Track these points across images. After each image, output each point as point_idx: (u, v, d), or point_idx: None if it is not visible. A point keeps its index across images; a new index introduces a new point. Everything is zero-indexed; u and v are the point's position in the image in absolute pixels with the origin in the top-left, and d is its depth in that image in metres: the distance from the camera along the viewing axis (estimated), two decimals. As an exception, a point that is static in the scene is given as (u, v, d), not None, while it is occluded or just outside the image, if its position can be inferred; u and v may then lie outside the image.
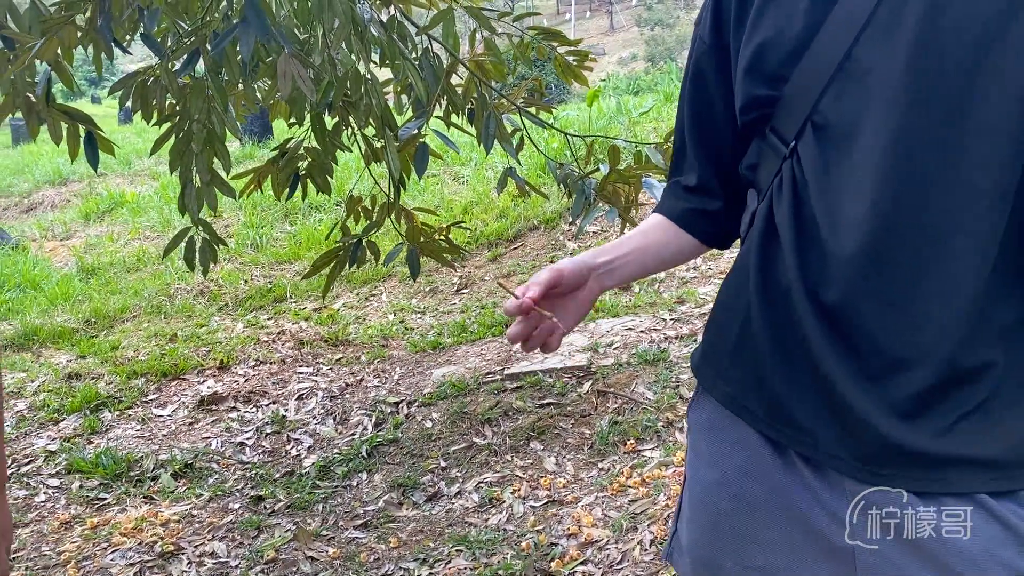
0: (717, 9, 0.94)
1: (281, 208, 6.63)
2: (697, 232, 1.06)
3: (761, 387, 0.90)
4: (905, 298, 0.80)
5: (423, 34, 2.65)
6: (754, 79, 0.88)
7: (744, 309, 0.91)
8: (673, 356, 3.25)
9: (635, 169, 2.66)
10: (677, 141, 1.06)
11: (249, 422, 3.36)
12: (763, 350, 0.89)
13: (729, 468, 0.95)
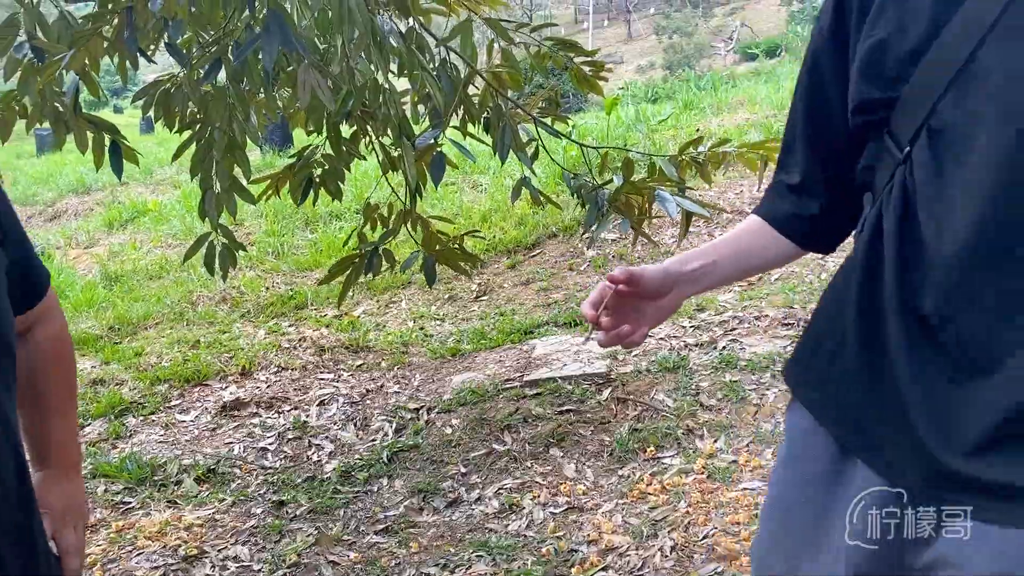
0: (840, 0, 0.90)
1: (302, 216, 6.68)
2: (796, 236, 1.04)
3: (844, 399, 0.90)
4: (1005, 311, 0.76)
5: (442, 45, 2.67)
6: (869, 80, 0.85)
7: (840, 319, 0.91)
8: (693, 364, 3.24)
9: (648, 181, 2.67)
10: (787, 136, 1.03)
11: (271, 427, 3.39)
12: (851, 363, 0.89)
13: (804, 472, 0.96)
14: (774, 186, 1.06)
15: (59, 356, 1.21)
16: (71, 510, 1.18)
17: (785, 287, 3.81)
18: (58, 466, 1.18)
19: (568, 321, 4.01)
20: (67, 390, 1.23)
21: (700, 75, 21.06)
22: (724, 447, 2.73)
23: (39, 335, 1.18)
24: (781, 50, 33.53)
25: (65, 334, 1.23)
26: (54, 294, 1.21)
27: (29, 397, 1.16)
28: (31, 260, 1.14)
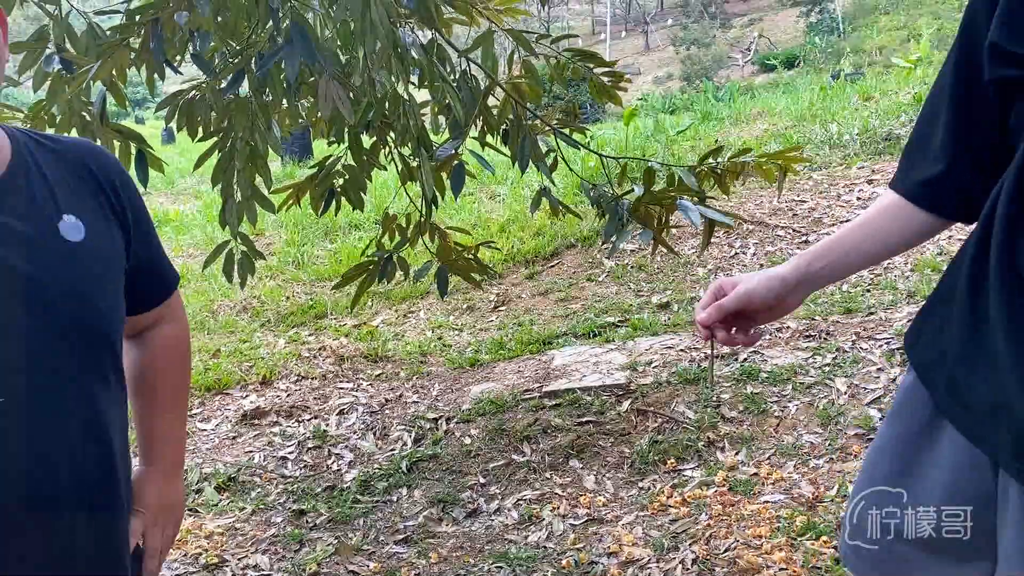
0: None
1: (322, 226, 6.72)
2: (936, 207, 1.03)
3: (945, 361, 0.93)
4: None
5: (463, 57, 2.69)
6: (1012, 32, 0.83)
7: (953, 286, 0.93)
8: (714, 375, 3.22)
9: (669, 191, 2.67)
10: (927, 108, 1.04)
11: (291, 436, 3.40)
12: (956, 326, 0.92)
13: (902, 427, 1.01)
14: (911, 159, 1.07)
15: (175, 356, 1.24)
16: (164, 510, 1.19)
17: (807, 299, 3.78)
18: (160, 464, 1.21)
19: (587, 332, 4.00)
20: (179, 390, 1.26)
21: (718, 86, 21.05)
22: (745, 459, 2.71)
23: (160, 334, 1.21)
24: (799, 61, 33.44)
25: (185, 336, 1.27)
26: (179, 296, 1.25)
27: (142, 393, 1.20)
28: (160, 260, 1.18)
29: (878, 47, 30.65)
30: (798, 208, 4.88)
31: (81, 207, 0.99)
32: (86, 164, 1.03)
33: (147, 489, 1.16)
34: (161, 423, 1.22)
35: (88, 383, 0.98)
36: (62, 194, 0.98)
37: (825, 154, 5.82)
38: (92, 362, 0.99)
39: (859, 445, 2.62)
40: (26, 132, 1.01)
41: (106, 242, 1.02)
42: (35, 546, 0.93)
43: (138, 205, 1.08)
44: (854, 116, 6.78)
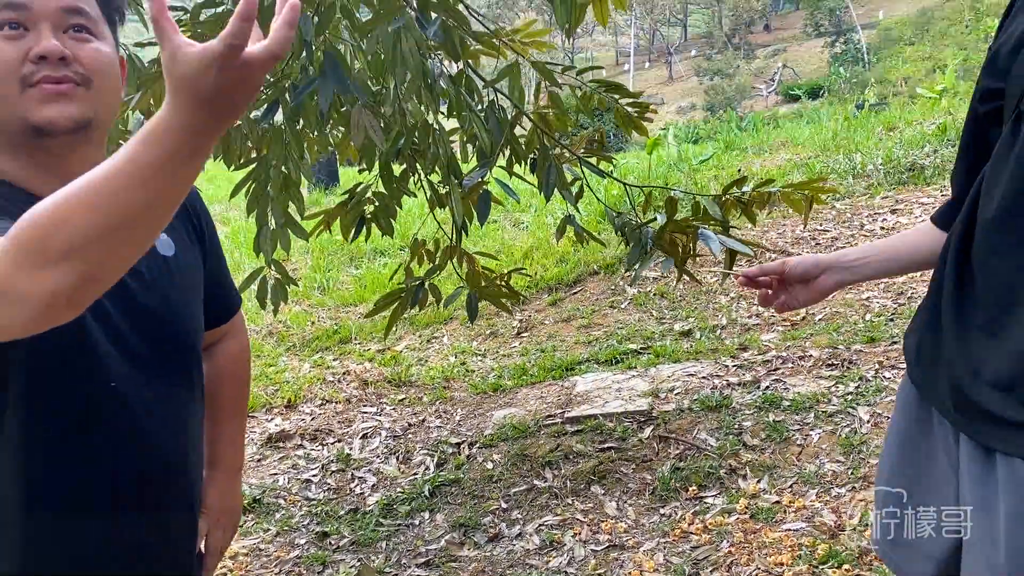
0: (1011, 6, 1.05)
1: (347, 252, 6.81)
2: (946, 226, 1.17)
3: (919, 348, 1.10)
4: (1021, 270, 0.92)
5: (490, 87, 2.75)
6: (990, 72, 1.01)
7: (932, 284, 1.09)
8: (736, 403, 3.23)
9: (692, 220, 2.70)
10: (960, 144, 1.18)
11: (315, 459, 3.44)
12: (924, 317, 1.09)
13: (901, 415, 1.15)
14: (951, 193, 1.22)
15: (238, 369, 1.34)
16: (226, 512, 1.29)
17: (829, 327, 3.78)
18: (222, 468, 1.30)
19: (609, 358, 4.02)
20: (240, 400, 1.37)
21: (742, 116, 21.12)
22: (767, 487, 2.71)
23: (224, 349, 1.31)
24: (824, 91, 33.45)
25: (247, 351, 1.37)
26: (242, 316, 1.35)
27: (207, 402, 1.27)
28: (228, 281, 1.29)
29: (903, 77, 30.60)
30: (821, 237, 4.89)
31: (170, 226, 1.05)
32: None
33: (210, 492, 1.24)
34: (224, 430, 1.30)
35: (176, 385, 1.08)
36: None
37: (849, 184, 5.83)
38: (180, 366, 1.09)
39: (882, 474, 2.61)
40: None
41: (191, 259, 1.12)
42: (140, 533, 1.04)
43: (212, 230, 1.18)
44: (878, 146, 6.78)
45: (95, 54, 0.96)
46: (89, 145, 1.00)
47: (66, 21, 0.94)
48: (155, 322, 1.04)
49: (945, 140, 6.44)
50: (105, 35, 0.99)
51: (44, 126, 0.93)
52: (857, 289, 4.16)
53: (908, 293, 3.97)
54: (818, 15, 45.62)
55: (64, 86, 0.93)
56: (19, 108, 0.92)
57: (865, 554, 2.25)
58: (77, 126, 0.95)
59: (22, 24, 0.92)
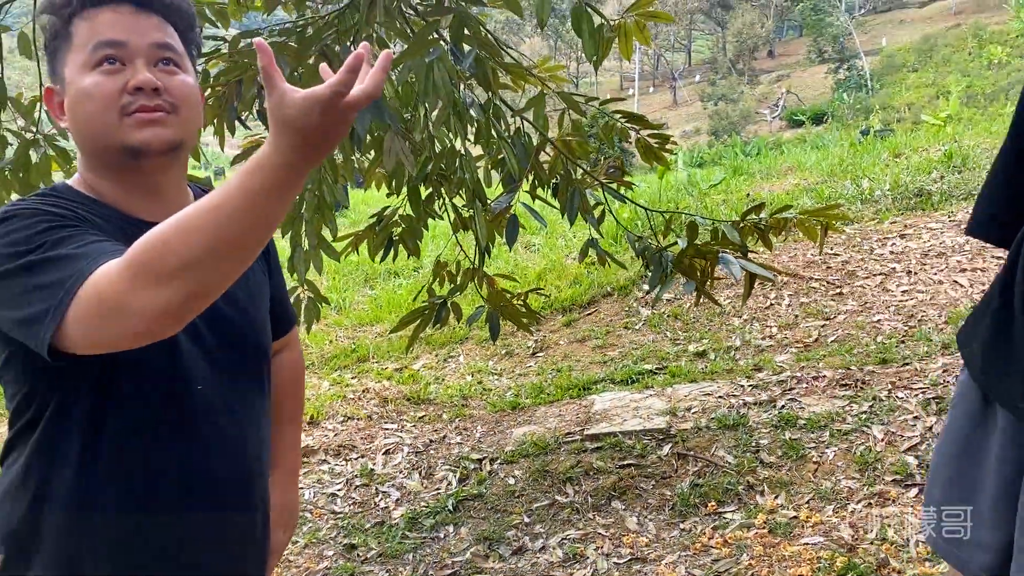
0: None
1: (361, 274, 6.93)
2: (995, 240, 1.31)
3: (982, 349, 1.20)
4: None
5: (518, 116, 2.86)
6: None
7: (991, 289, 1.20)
8: (752, 421, 3.31)
9: (712, 244, 2.80)
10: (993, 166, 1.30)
11: (339, 474, 3.52)
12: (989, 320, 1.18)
13: (960, 414, 1.25)
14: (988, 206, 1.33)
15: (295, 378, 1.46)
16: (286, 511, 1.39)
17: (842, 348, 3.87)
18: (282, 470, 1.40)
19: (625, 378, 4.11)
20: (297, 407, 1.48)
21: (746, 141, 21.29)
22: (785, 503, 2.78)
23: (284, 359, 1.43)
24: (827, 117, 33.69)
25: (302, 362, 1.49)
26: (296, 331, 1.47)
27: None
28: (287, 298, 1.41)
29: (907, 104, 30.83)
30: (832, 261, 4.99)
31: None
32: None
33: (273, 490, 1.32)
34: (284, 434, 1.40)
35: (253, 389, 1.19)
36: None
37: (857, 209, 5.93)
38: (256, 372, 1.20)
39: (897, 490, 2.69)
40: (200, 186, 1.22)
41: (260, 275, 1.24)
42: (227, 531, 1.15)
43: (275, 250, 1.28)
44: (884, 172, 6.90)
45: (182, 85, 1.08)
46: (177, 165, 1.12)
47: (157, 56, 1.06)
48: (235, 331, 1.15)
49: (951, 166, 6.55)
50: (188, 68, 1.11)
51: (140, 148, 1.04)
52: (867, 312, 4.25)
53: (918, 316, 4.06)
54: (821, 42, 46.00)
55: (157, 114, 1.05)
56: (118, 134, 1.04)
57: (883, 566, 2.33)
58: (169, 147, 1.06)
59: (120, 60, 1.04)
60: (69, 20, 1.05)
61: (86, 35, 1.04)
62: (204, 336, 1.11)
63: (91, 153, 1.08)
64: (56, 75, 1.08)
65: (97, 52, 1.03)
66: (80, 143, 1.08)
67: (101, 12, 1.04)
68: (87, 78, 1.03)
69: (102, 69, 1.03)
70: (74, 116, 1.06)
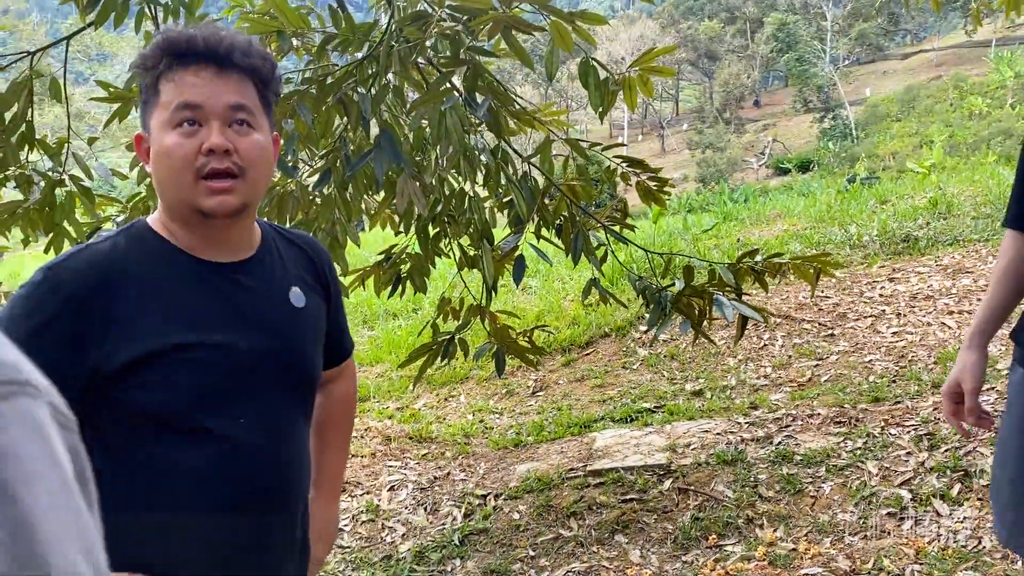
0: None
1: (360, 314, 7.01)
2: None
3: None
4: None
5: (526, 161, 3.00)
6: None
7: None
8: (750, 457, 3.40)
9: (708, 285, 2.92)
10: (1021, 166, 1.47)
11: (345, 510, 3.57)
12: None
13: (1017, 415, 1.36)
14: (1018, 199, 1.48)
15: (347, 407, 1.55)
16: (325, 530, 1.48)
17: (835, 388, 3.98)
18: (324, 492, 1.49)
19: (624, 416, 4.19)
20: (346, 434, 1.57)
21: (733, 188, 21.67)
22: (784, 535, 2.86)
23: (338, 388, 1.52)
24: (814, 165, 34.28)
25: (354, 392, 1.58)
26: (352, 360, 1.55)
27: (318, 433, 1.48)
28: (345, 330, 1.49)
29: (891, 152, 31.45)
30: (823, 304, 5.12)
31: (303, 282, 1.30)
32: (306, 252, 1.36)
33: (313, 510, 1.41)
34: (331, 458, 1.50)
35: (297, 415, 1.28)
36: (292, 271, 1.29)
37: (846, 253, 6.09)
38: (300, 400, 1.29)
39: (892, 523, 2.78)
40: (270, 224, 1.34)
41: (317, 311, 1.33)
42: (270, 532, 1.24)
43: (338, 289, 1.40)
44: (872, 218, 7.09)
45: (252, 145, 1.18)
46: (246, 219, 1.23)
47: (231, 116, 1.17)
48: (280, 360, 1.24)
49: (936, 213, 6.75)
50: (262, 125, 1.21)
51: (209, 212, 1.16)
52: (859, 352, 4.37)
53: (909, 356, 4.18)
54: (806, 92, 47.04)
55: (227, 181, 1.15)
56: (191, 195, 1.15)
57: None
58: (235, 212, 1.18)
59: (197, 120, 1.15)
60: (157, 78, 1.16)
61: (170, 95, 1.15)
62: (258, 362, 1.20)
63: (168, 202, 1.19)
64: (145, 125, 1.20)
65: (177, 113, 1.14)
66: (160, 192, 1.19)
67: (185, 74, 1.15)
68: (168, 137, 1.14)
69: (181, 130, 1.14)
70: (156, 169, 1.17)
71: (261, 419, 1.20)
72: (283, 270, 1.28)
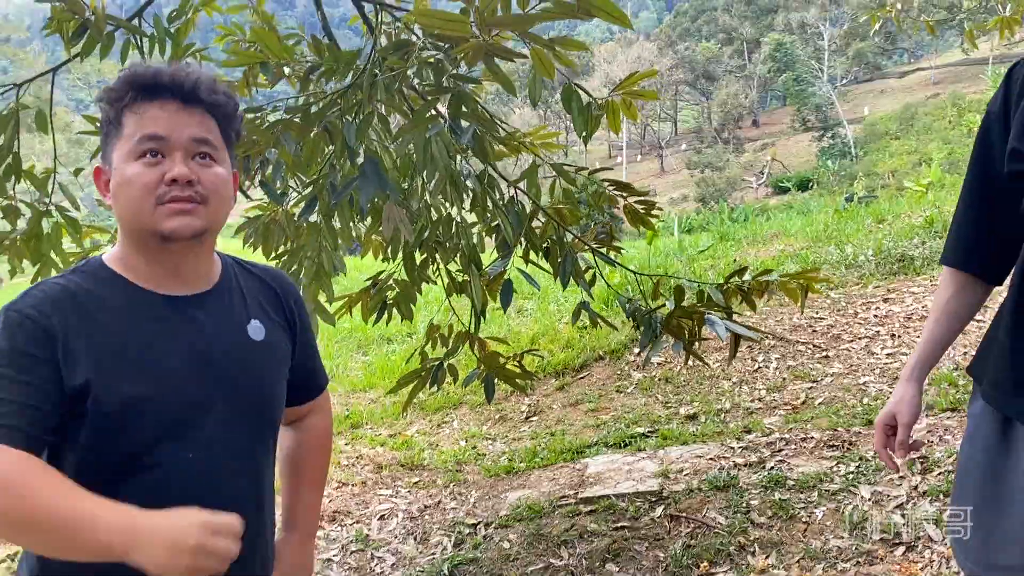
0: (1008, 80, 1.32)
1: (355, 340, 6.99)
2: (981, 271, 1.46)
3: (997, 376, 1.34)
4: None
5: (512, 186, 3.00)
6: (1020, 136, 1.27)
7: (997, 320, 1.34)
8: (743, 483, 3.36)
9: (698, 306, 2.90)
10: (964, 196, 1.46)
11: (335, 540, 3.53)
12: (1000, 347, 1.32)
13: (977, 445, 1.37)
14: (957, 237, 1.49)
15: (321, 443, 1.52)
16: (299, 568, 1.44)
17: (829, 411, 3.94)
18: (299, 531, 1.47)
19: (618, 441, 4.16)
20: (321, 471, 1.54)
21: (733, 207, 21.71)
22: (776, 562, 2.82)
23: (308, 424, 1.50)
24: (813, 183, 34.34)
25: (329, 427, 1.55)
26: (327, 395, 1.53)
27: (292, 471, 1.47)
28: (316, 364, 1.47)
29: (890, 171, 31.51)
30: (817, 325, 5.10)
31: (264, 315, 1.29)
32: (271, 285, 1.35)
33: (288, 550, 1.40)
34: (304, 496, 1.47)
35: (254, 450, 1.26)
36: (252, 304, 1.28)
37: (841, 274, 6.08)
38: (258, 433, 1.26)
39: (884, 549, 2.74)
40: (232, 257, 1.33)
41: (280, 343, 1.31)
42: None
43: (306, 322, 1.38)
44: (868, 238, 7.08)
45: (214, 177, 1.19)
46: (203, 247, 1.23)
47: (194, 150, 1.18)
48: (239, 391, 1.22)
49: (933, 232, 6.74)
50: (224, 160, 1.22)
51: (170, 235, 1.15)
52: (854, 374, 4.34)
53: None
54: (805, 111, 47.24)
55: (188, 205, 1.16)
56: (152, 220, 1.15)
57: (873, 624, 2.36)
58: (195, 235, 1.18)
59: (161, 152, 1.16)
60: (121, 111, 1.16)
61: (134, 127, 1.16)
62: (214, 395, 1.19)
63: (128, 232, 1.19)
64: (106, 158, 1.20)
65: (141, 144, 1.15)
66: (120, 222, 1.20)
67: (150, 107, 1.16)
68: (130, 167, 1.15)
69: (144, 160, 1.15)
70: (116, 199, 1.18)
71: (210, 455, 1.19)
72: (242, 303, 1.27)
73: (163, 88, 1.17)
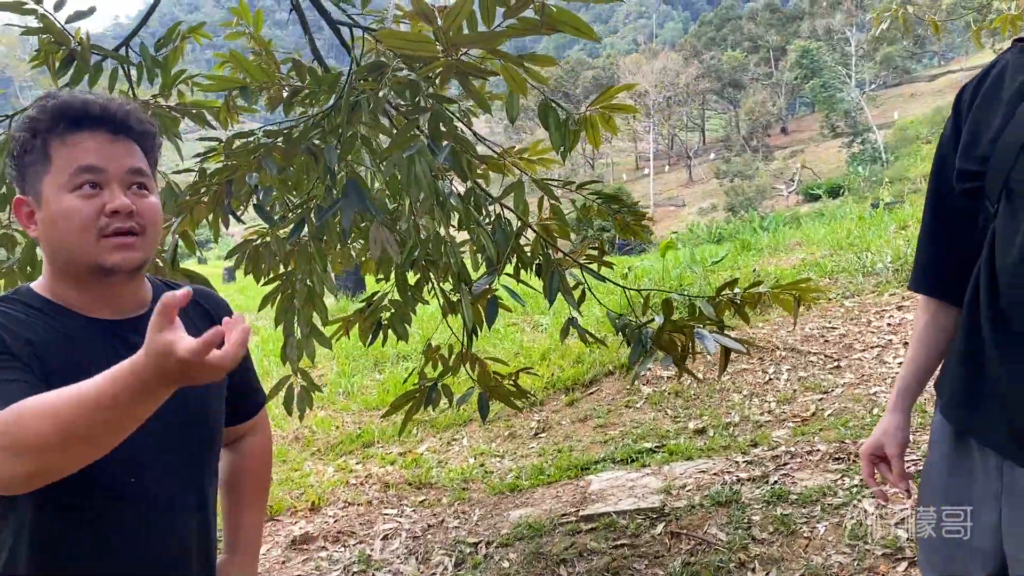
0: (958, 103, 1.35)
1: (370, 358, 7.01)
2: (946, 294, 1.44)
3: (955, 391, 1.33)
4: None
5: (495, 203, 2.99)
6: (967, 157, 1.28)
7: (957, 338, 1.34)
8: (745, 498, 3.30)
9: (687, 320, 2.86)
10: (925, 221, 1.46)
11: (337, 561, 3.53)
12: (958, 364, 1.32)
13: (937, 453, 1.39)
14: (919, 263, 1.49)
15: (261, 462, 1.54)
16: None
17: (838, 422, 3.86)
18: (241, 552, 1.48)
19: (624, 457, 4.11)
20: (261, 491, 1.55)
21: (763, 216, 21.47)
22: (776, 581, 2.76)
23: (249, 443, 1.51)
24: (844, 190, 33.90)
25: (269, 445, 1.57)
26: (265, 414, 1.55)
27: (233, 491, 1.48)
28: (253, 382, 1.49)
29: (922, 175, 31.00)
30: (829, 335, 5.00)
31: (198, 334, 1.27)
32: (202, 304, 1.36)
33: (232, 572, 1.38)
34: (245, 516, 1.48)
35: (197, 470, 1.27)
36: (186, 324, 1.27)
37: (858, 282, 5.97)
38: (200, 454, 1.28)
39: (887, 565, 2.66)
40: (161, 279, 1.35)
41: None
42: None
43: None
44: (888, 244, 6.95)
45: (151, 206, 1.21)
46: (138, 278, 1.24)
47: (131, 180, 1.19)
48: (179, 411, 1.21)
49: (952, 237, 6.58)
50: (154, 187, 1.23)
51: (112, 268, 1.16)
52: (865, 384, 4.25)
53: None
54: (834, 117, 46.68)
55: (129, 239, 1.17)
56: (95, 253, 1.16)
57: (867, 643, 2.29)
58: (136, 268, 1.19)
59: (99, 184, 1.16)
60: (46, 140, 1.15)
61: (66, 159, 1.15)
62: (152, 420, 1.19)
63: (62, 264, 1.19)
64: (29, 189, 1.18)
65: (77, 176, 1.14)
66: (50, 255, 1.19)
67: (82, 138, 1.15)
68: (66, 199, 1.14)
69: (81, 192, 1.14)
70: (48, 232, 1.17)
71: (155, 479, 1.20)
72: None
73: (94, 119, 1.17)
